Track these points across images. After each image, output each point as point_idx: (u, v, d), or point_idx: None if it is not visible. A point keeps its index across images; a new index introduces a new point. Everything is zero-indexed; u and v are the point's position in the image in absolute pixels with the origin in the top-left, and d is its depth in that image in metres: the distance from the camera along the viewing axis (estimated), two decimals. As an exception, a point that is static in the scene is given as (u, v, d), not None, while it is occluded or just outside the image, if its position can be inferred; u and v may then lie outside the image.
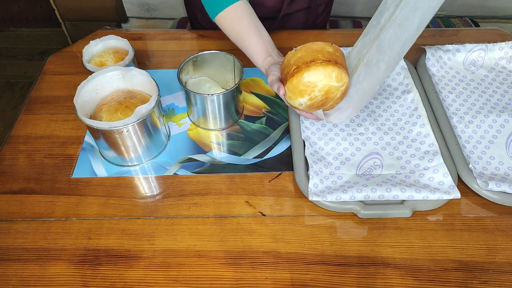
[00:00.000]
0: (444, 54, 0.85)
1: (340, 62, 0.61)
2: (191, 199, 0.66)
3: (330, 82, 0.60)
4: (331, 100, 0.64)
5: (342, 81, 0.61)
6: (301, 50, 0.62)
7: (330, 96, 0.62)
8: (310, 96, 0.61)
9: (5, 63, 2.04)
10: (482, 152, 0.70)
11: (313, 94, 0.61)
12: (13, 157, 0.73)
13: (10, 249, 0.61)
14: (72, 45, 0.95)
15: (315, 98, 0.62)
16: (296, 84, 0.61)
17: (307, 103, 0.63)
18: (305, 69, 0.59)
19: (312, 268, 0.58)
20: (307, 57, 0.60)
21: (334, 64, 0.60)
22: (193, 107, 0.74)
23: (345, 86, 0.62)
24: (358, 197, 0.63)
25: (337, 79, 0.60)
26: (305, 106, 0.64)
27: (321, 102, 0.63)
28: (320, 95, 0.61)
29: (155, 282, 0.57)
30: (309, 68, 0.59)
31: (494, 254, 0.59)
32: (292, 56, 0.63)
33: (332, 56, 0.60)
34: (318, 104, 0.64)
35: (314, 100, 0.62)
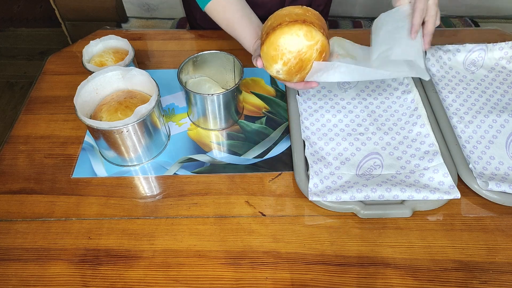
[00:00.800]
0: (444, 54, 0.85)
1: (310, 21, 0.59)
2: (191, 199, 0.66)
3: (299, 41, 0.59)
4: (308, 62, 0.62)
5: (313, 39, 0.59)
6: (270, 18, 0.62)
7: (305, 58, 0.61)
8: (283, 60, 0.61)
9: (5, 63, 2.04)
10: (482, 152, 0.70)
11: (286, 57, 0.60)
12: (13, 157, 0.73)
13: (10, 249, 0.61)
14: (72, 45, 0.95)
15: (289, 62, 0.61)
16: (267, 51, 0.61)
17: (283, 69, 0.62)
18: (272, 34, 0.59)
19: (312, 268, 0.58)
20: (275, 23, 0.60)
21: (302, 23, 0.59)
22: (193, 107, 0.74)
23: (319, 44, 0.60)
24: (358, 197, 0.63)
25: (306, 37, 0.59)
26: (283, 73, 0.63)
27: (297, 65, 0.62)
28: (292, 57, 0.60)
29: (155, 282, 0.57)
30: (275, 31, 0.59)
31: (494, 254, 0.59)
32: (263, 26, 0.63)
33: (300, 17, 0.60)
34: (295, 68, 0.62)
35: (289, 64, 0.61)
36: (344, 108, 0.78)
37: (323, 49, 0.62)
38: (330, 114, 0.77)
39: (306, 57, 0.61)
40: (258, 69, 0.74)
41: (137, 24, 1.96)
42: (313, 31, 0.59)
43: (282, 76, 0.64)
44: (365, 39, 0.93)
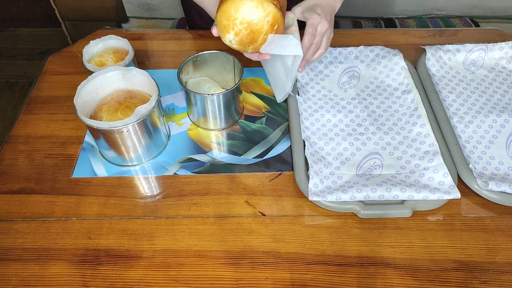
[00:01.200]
0: (444, 54, 0.85)
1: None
2: (191, 199, 0.66)
3: (250, 12, 0.59)
4: (259, 34, 0.61)
5: (264, 11, 0.59)
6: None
7: (256, 29, 0.60)
8: (235, 30, 0.60)
9: (5, 63, 2.04)
10: (482, 152, 0.70)
11: (237, 28, 0.60)
12: (13, 157, 0.73)
13: (10, 249, 0.61)
14: (72, 45, 0.95)
15: (240, 32, 0.60)
16: (220, 20, 0.61)
17: (236, 39, 0.62)
18: (224, 3, 0.59)
19: (312, 268, 0.58)
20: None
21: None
22: (193, 107, 0.74)
23: (271, 17, 0.60)
24: (358, 197, 0.63)
25: (257, 8, 0.58)
26: (236, 43, 0.63)
27: (249, 37, 0.61)
28: (243, 28, 0.60)
29: (155, 282, 0.57)
30: (228, 1, 0.59)
31: (494, 254, 0.59)
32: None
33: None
34: (247, 39, 0.62)
35: (241, 35, 0.61)
36: (344, 108, 0.78)
37: (275, 21, 0.61)
38: (330, 114, 0.77)
39: (257, 28, 0.60)
40: (258, 69, 0.74)
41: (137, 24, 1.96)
42: (265, 2, 0.59)
43: (236, 46, 0.64)
44: (365, 39, 0.94)
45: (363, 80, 0.83)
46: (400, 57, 0.83)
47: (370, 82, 0.82)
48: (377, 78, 0.83)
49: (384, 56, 0.84)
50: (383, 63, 0.83)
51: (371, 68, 0.84)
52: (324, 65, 0.85)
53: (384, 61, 0.83)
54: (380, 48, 0.85)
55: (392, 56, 0.83)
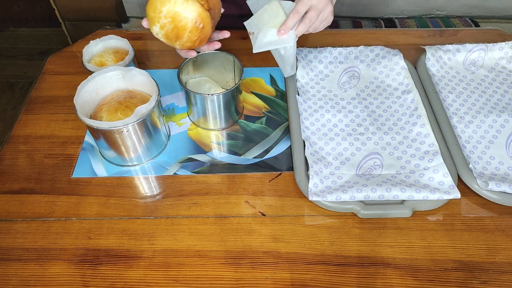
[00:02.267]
0: (444, 54, 0.85)
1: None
2: (191, 199, 0.66)
3: (173, 7, 0.59)
4: (183, 31, 0.62)
5: (187, 9, 0.60)
6: None
7: (180, 25, 0.61)
8: (160, 23, 0.61)
9: (5, 63, 2.04)
10: (482, 152, 0.70)
11: (162, 21, 0.61)
12: (13, 157, 0.73)
13: (10, 249, 0.61)
14: (72, 45, 0.95)
15: (165, 26, 0.61)
16: (147, 11, 0.62)
17: (161, 33, 0.63)
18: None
19: (312, 268, 0.58)
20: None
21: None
22: (193, 107, 0.74)
23: (196, 15, 0.61)
24: (358, 197, 0.63)
25: (182, 6, 0.60)
26: (162, 37, 0.64)
27: (174, 32, 0.62)
28: (168, 22, 0.61)
29: (155, 282, 0.57)
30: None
31: (494, 254, 0.59)
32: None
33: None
34: (172, 34, 0.62)
35: (166, 29, 0.62)
36: (344, 108, 0.78)
37: (200, 21, 0.62)
38: (330, 114, 0.77)
39: (181, 25, 0.61)
40: (258, 69, 0.74)
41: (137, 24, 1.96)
42: (190, 0, 0.60)
43: (164, 40, 0.65)
44: (365, 39, 0.94)
45: (363, 80, 0.83)
46: (400, 57, 0.83)
47: (370, 82, 0.82)
48: (377, 78, 0.83)
49: (384, 56, 0.84)
50: (383, 63, 0.83)
51: (371, 68, 0.84)
52: (324, 65, 0.85)
53: (384, 61, 0.83)
54: (380, 48, 0.85)
55: (392, 56, 0.83)
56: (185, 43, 0.65)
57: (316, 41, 0.93)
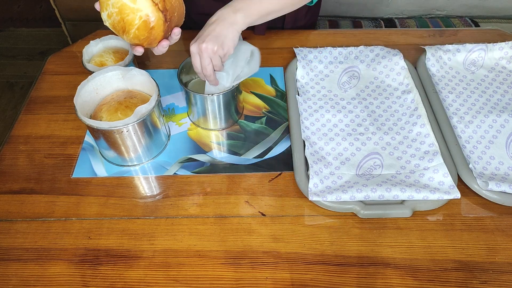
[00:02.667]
0: (444, 54, 0.85)
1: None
2: (191, 199, 0.66)
3: (123, 0, 0.57)
4: (130, 26, 0.59)
5: (136, 4, 0.57)
6: None
7: (127, 19, 0.58)
8: (107, 12, 0.59)
9: (5, 63, 2.04)
10: (482, 152, 0.70)
11: (109, 10, 0.58)
12: (13, 157, 0.73)
13: (10, 249, 0.61)
14: (72, 45, 0.95)
15: (112, 16, 0.59)
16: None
17: (108, 21, 0.60)
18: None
19: (312, 268, 0.58)
20: None
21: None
22: (193, 107, 0.74)
23: (145, 14, 0.58)
24: (358, 197, 0.63)
25: (131, 0, 0.57)
26: (109, 25, 0.61)
27: (120, 25, 0.59)
28: (115, 12, 0.58)
29: (155, 282, 0.57)
30: None
31: (494, 254, 0.59)
32: None
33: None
34: (119, 26, 0.60)
35: (112, 19, 0.59)
36: (344, 108, 0.78)
37: (150, 21, 0.59)
38: (330, 114, 0.77)
39: (128, 19, 0.58)
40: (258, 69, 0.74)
41: (137, 24, 1.96)
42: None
43: (111, 28, 0.62)
44: (365, 39, 0.94)
45: (363, 80, 0.83)
46: (400, 57, 0.83)
47: (370, 82, 0.82)
48: (377, 78, 0.83)
49: (384, 56, 0.84)
50: (383, 63, 0.83)
51: (371, 68, 0.84)
52: (324, 65, 0.85)
53: (384, 61, 0.83)
54: (380, 48, 0.85)
55: (392, 56, 0.83)
56: (132, 39, 0.62)
57: (316, 41, 0.93)
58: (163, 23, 0.60)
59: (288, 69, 0.85)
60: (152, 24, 0.59)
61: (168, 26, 0.61)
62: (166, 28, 0.61)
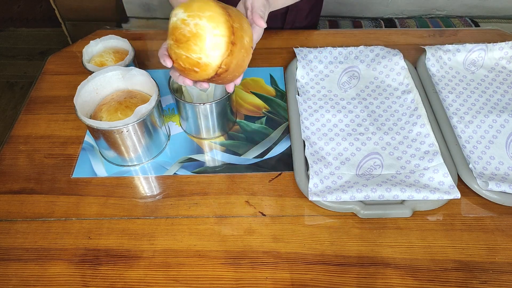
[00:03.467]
0: (444, 54, 0.85)
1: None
2: (191, 199, 0.66)
3: (176, 15, 0.51)
4: (185, 50, 0.51)
5: (210, 52, 0.50)
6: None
7: (179, 38, 0.51)
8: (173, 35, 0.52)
9: (5, 63, 2.04)
10: (482, 152, 0.70)
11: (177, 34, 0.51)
12: (13, 157, 0.73)
13: (10, 249, 0.61)
14: (72, 45, 0.95)
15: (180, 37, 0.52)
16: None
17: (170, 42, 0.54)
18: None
19: (312, 268, 0.58)
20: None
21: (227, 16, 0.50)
22: (183, 117, 0.73)
23: (211, 62, 0.51)
24: (358, 197, 0.63)
25: (187, 13, 0.50)
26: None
27: (174, 40, 0.52)
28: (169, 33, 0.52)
29: (155, 282, 0.57)
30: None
31: (494, 254, 0.59)
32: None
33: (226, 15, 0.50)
34: (172, 46, 0.53)
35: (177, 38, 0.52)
36: (344, 108, 0.78)
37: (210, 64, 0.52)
38: (330, 114, 0.77)
39: (181, 38, 0.51)
40: (258, 69, 0.74)
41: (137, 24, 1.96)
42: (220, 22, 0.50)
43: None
44: (365, 39, 0.94)
45: (363, 80, 0.83)
46: (400, 57, 0.83)
47: (370, 82, 0.82)
48: (377, 78, 0.83)
49: (384, 56, 0.84)
50: (383, 63, 0.83)
51: (371, 68, 0.84)
52: (324, 65, 0.85)
53: (384, 61, 0.84)
54: (380, 48, 0.85)
55: (392, 56, 0.83)
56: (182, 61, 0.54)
57: (316, 41, 0.93)
58: (214, 74, 0.54)
59: (288, 69, 0.85)
60: (207, 67, 0.53)
61: (216, 77, 0.55)
62: (214, 78, 0.55)
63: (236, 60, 0.53)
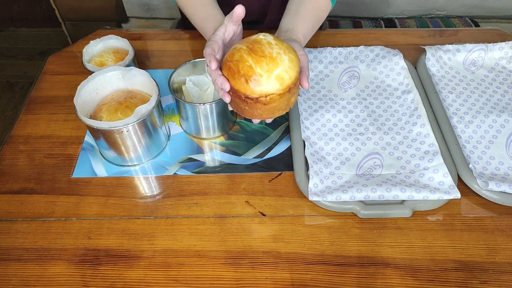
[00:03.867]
0: (444, 54, 0.85)
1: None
2: (191, 199, 0.66)
3: (265, 36, 0.55)
4: (254, 61, 0.53)
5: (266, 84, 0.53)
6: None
7: (256, 50, 0.53)
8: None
9: (5, 63, 2.04)
10: (482, 152, 0.70)
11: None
12: (13, 157, 0.73)
13: (10, 249, 0.61)
14: (72, 45, 0.95)
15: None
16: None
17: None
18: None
19: (312, 268, 0.58)
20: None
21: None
22: (183, 117, 0.73)
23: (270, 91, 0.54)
24: (358, 197, 0.63)
25: (276, 42, 0.54)
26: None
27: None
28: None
29: (155, 282, 0.57)
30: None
31: (494, 254, 0.59)
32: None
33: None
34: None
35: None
36: (344, 108, 0.78)
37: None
38: (330, 114, 0.77)
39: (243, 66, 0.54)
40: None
41: (137, 24, 1.96)
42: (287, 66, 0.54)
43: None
44: (365, 39, 0.94)
45: (363, 80, 0.83)
46: (400, 57, 0.83)
47: (370, 82, 0.82)
48: (377, 78, 0.83)
49: (384, 56, 0.84)
50: (383, 63, 0.83)
51: (371, 68, 0.84)
52: (324, 65, 0.85)
53: (384, 61, 0.84)
54: (380, 48, 0.85)
55: (392, 56, 0.83)
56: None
57: (316, 41, 0.93)
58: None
59: (288, 69, 0.84)
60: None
61: (251, 101, 0.56)
62: (250, 100, 0.56)
63: (277, 104, 0.56)
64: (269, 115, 0.58)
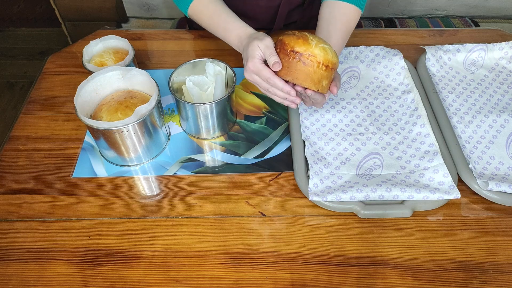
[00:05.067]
0: (444, 54, 0.85)
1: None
2: (191, 199, 0.66)
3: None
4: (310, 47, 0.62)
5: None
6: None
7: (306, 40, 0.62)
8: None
9: (5, 63, 2.04)
10: (482, 152, 0.70)
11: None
12: (13, 157, 0.73)
13: (10, 249, 0.61)
14: (72, 45, 0.95)
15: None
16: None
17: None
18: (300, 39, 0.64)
19: (312, 268, 0.58)
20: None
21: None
22: (183, 117, 0.73)
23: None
24: (358, 197, 0.63)
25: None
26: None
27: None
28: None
29: (155, 282, 0.57)
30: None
31: (494, 254, 0.59)
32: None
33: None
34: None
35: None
36: (344, 108, 0.78)
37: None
38: (330, 114, 0.77)
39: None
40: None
41: (137, 24, 1.96)
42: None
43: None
44: (365, 39, 0.94)
45: (363, 80, 0.83)
46: (400, 57, 0.83)
47: (370, 82, 0.82)
48: (377, 78, 0.83)
49: (384, 56, 0.84)
50: (383, 63, 0.83)
51: (371, 68, 0.84)
52: (324, 65, 0.85)
53: (384, 61, 0.84)
54: (380, 48, 0.85)
55: (392, 56, 0.83)
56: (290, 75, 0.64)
57: (316, 41, 0.93)
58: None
59: (288, 69, 0.84)
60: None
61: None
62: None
63: (313, 72, 0.63)
64: (301, 79, 0.63)
